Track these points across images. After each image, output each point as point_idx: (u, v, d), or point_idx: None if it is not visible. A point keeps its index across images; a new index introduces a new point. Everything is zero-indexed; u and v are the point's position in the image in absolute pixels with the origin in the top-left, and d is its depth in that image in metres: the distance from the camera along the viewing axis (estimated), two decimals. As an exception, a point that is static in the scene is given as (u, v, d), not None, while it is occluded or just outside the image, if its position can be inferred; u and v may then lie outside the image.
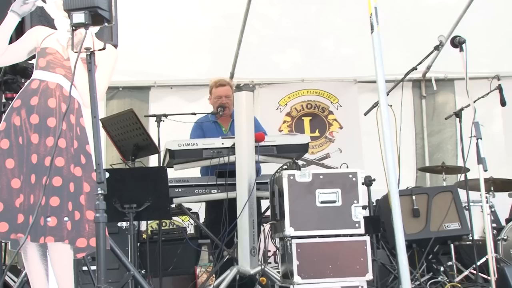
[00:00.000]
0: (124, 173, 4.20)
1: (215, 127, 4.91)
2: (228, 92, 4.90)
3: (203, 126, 4.92)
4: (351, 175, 3.64)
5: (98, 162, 2.47)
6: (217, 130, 4.88)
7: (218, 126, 4.92)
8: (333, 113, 7.05)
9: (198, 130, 4.91)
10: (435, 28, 5.84)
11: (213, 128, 4.90)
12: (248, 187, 4.08)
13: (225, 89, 4.93)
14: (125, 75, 6.63)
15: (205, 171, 4.71)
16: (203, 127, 4.92)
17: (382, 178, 3.21)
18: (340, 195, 3.60)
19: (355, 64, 6.66)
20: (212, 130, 4.87)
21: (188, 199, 4.47)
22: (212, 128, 4.90)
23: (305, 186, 3.60)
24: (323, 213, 3.58)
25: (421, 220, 4.68)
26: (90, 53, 2.57)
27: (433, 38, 4.28)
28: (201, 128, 4.91)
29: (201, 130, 4.90)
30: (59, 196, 2.77)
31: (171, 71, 6.82)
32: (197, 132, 4.90)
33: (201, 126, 4.93)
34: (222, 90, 4.93)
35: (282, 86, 7.07)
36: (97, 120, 2.55)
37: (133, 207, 3.97)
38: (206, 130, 4.89)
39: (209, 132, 4.85)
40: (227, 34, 6.38)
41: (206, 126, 4.91)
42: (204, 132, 4.88)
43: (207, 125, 4.92)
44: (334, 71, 6.88)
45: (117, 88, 6.80)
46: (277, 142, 4.40)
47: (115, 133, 4.75)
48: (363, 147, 6.75)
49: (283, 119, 7.02)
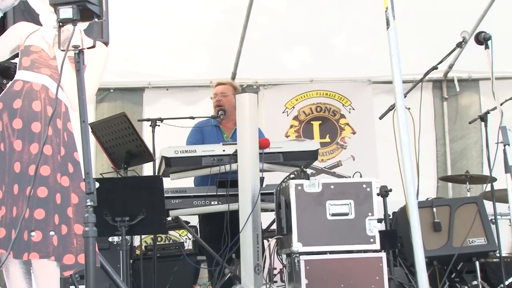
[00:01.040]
0: (115, 183, 4.20)
1: (216, 132, 4.92)
2: (224, 90, 4.92)
3: (203, 130, 4.93)
4: (365, 185, 3.64)
5: (87, 171, 2.48)
6: (218, 135, 4.88)
7: (220, 132, 4.92)
8: (345, 116, 7.05)
9: (197, 134, 4.92)
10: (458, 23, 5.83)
11: (213, 133, 4.91)
12: (252, 198, 4.08)
13: (222, 87, 4.96)
14: (117, 76, 6.65)
15: (200, 180, 4.71)
16: (203, 131, 4.92)
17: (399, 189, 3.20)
18: (353, 207, 3.59)
19: (369, 63, 6.67)
20: (213, 135, 4.88)
21: (186, 212, 4.47)
22: (213, 133, 4.91)
23: (315, 197, 3.60)
24: (334, 226, 3.57)
25: (443, 235, 4.67)
26: (78, 51, 2.58)
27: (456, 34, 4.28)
28: (200, 132, 4.92)
29: (200, 134, 4.91)
30: (44, 208, 2.78)
31: (167, 71, 6.84)
32: (196, 136, 4.91)
33: (200, 130, 4.94)
34: (219, 88, 4.97)
35: (289, 87, 7.08)
36: (86, 124, 2.56)
37: (126, 220, 3.98)
38: (206, 135, 4.89)
39: (209, 137, 4.85)
40: (229, 30, 6.40)
41: (206, 131, 4.92)
42: (204, 136, 4.89)
43: (208, 130, 4.92)
44: (346, 70, 6.89)
45: (108, 89, 6.82)
46: (283, 149, 4.40)
47: (105, 139, 4.76)
48: (378, 154, 6.75)
49: (290, 123, 7.03)
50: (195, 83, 6.91)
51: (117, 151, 4.75)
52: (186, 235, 5.80)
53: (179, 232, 5.87)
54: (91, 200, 2.48)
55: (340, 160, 6.96)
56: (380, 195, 4.27)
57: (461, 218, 4.70)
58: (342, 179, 5.90)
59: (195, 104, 6.79)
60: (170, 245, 5.60)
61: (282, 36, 6.57)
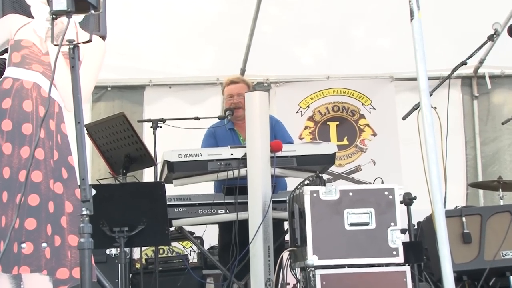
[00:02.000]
0: (113, 190, 4.21)
1: (230, 135, 4.91)
2: (241, 90, 4.91)
3: (217, 134, 4.92)
4: (387, 192, 3.63)
5: (83, 177, 2.49)
6: (233, 139, 4.87)
7: (235, 134, 4.92)
8: (365, 117, 7.04)
9: (210, 139, 4.90)
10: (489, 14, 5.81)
11: (228, 136, 4.89)
12: (263, 206, 4.08)
13: (238, 87, 4.94)
14: (115, 72, 6.67)
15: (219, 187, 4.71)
16: (217, 135, 4.91)
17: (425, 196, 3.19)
18: (373, 216, 3.59)
19: (391, 58, 6.66)
20: (227, 138, 4.86)
21: (191, 221, 4.47)
22: (227, 136, 4.89)
23: (332, 205, 3.59)
24: (353, 238, 3.57)
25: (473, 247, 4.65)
26: (73, 46, 2.59)
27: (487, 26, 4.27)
28: (213, 136, 4.90)
29: (213, 139, 4.89)
30: (35, 218, 2.79)
31: (169, 67, 6.86)
32: (209, 141, 4.89)
33: (214, 133, 4.93)
34: (233, 87, 4.95)
35: (303, 85, 7.08)
36: (82, 126, 2.56)
37: (125, 231, 3.99)
38: (219, 139, 4.88)
39: (223, 141, 4.84)
40: (237, 22, 6.40)
41: (220, 134, 4.90)
42: (217, 141, 4.87)
43: (221, 133, 4.91)
44: (366, 66, 6.89)
45: (105, 87, 6.85)
46: (297, 152, 4.40)
47: (102, 141, 4.78)
48: (401, 158, 6.73)
49: (304, 124, 7.03)
50: (201, 81, 6.92)
51: (115, 155, 4.77)
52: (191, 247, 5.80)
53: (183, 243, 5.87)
54: (87, 209, 2.49)
55: (360, 164, 6.95)
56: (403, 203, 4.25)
57: (493, 229, 4.68)
58: (361, 185, 5.89)
59: (200, 103, 6.81)
60: (173, 258, 5.60)
61: (295, 28, 6.57)
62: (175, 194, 4.44)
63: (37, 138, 2.80)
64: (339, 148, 6.42)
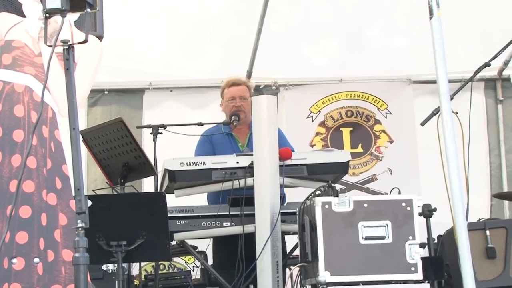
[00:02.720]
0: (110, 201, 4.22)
1: (228, 141, 4.92)
2: (243, 93, 4.92)
3: (213, 139, 4.93)
4: (405, 203, 3.63)
5: (78, 187, 2.49)
6: (231, 145, 4.89)
7: (233, 140, 4.93)
8: (380, 122, 7.04)
9: (206, 145, 4.92)
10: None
11: (225, 142, 4.91)
12: (271, 218, 4.08)
13: (240, 89, 4.95)
14: (112, 75, 6.69)
15: (214, 197, 4.72)
16: (213, 140, 4.93)
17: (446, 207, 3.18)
18: (390, 230, 3.58)
19: (409, 59, 6.65)
20: (225, 145, 4.88)
21: (194, 235, 4.47)
22: (225, 142, 4.91)
23: (345, 218, 3.59)
24: (368, 252, 3.56)
25: (498, 263, 4.63)
26: (68, 47, 2.60)
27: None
28: (209, 142, 4.93)
29: (209, 145, 4.91)
30: (27, 231, 2.80)
31: (171, 69, 6.87)
32: (205, 146, 4.91)
33: (210, 139, 4.94)
34: (235, 89, 4.96)
35: (314, 88, 7.08)
36: (77, 132, 2.57)
37: (123, 245, 3.98)
38: (216, 145, 4.90)
39: (221, 147, 4.86)
40: (243, 21, 6.41)
41: (216, 140, 4.92)
42: (214, 147, 4.89)
43: (218, 139, 4.93)
44: (382, 68, 6.88)
45: (102, 91, 6.86)
46: (308, 161, 4.40)
47: (99, 149, 4.78)
48: (420, 167, 6.72)
49: (315, 130, 7.02)
50: (204, 83, 6.93)
51: (113, 164, 4.77)
52: (194, 263, 5.80)
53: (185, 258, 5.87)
54: (82, 221, 2.49)
55: (375, 173, 6.94)
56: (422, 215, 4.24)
57: (520, 243, 4.66)
58: (377, 196, 5.88)
59: (204, 107, 6.82)
60: (174, 274, 5.60)
61: (306, 27, 6.57)
62: (176, 205, 4.44)
63: (29, 145, 2.80)
64: (353, 156, 6.42)
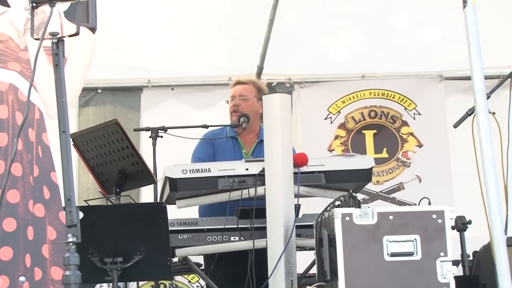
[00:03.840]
0: (105, 213, 4.23)
1: (232, 145, 4.93)
2: (245, 91, 4.93)
3: (215, 143, 4.94)
4: (436, 214, 3.62)
5: (68, 197, 2.50)
6: (234, 151, 4.89)
7: (237, 145, 4.94)
8: (408, 124, 7.02)
9: (206, 148, 4.93)
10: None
11: (229, 146, 4.92)
12: (284, 232, 4.08)
13: (242, 87, 4.97)
14: (107, 71, 6.71)
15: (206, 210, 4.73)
16: (215, 144, 4.93)
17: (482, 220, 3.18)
18: (419, 245, 3.57)
19: (440, 53, 6.64)
20: (228, 149, 4.89)
21: (198, 250, 4.47)
22: (229, 146, 4.92)
23: (368, 231, 3.59)
24: (394, 270, 3.55)
25: (541, 282, 4.62)
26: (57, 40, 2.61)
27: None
28: (211, 146, 4.93)
29: (210, 148, 4.92)
30: (12, 246, 2.81)
31: (172, 64, 6.88)
32: (205, 150, 4.93)
33: (211, 142, 4.94)
34: (237, 88, 4.99)
35: (333, 86, 7.08)
36: (67, 136, 2.58)
37: (118, 262, 3.99)
38: (218, 149, 4.90)
39: (223, 151, 4.87)
40: (254, 11, 6.42)
41: (219, 144, 4.93)
42: (216, 151, 4.90)
43: (221, 143, 4.93)
44: (410, 63, 6.87)
45: (95, 89, 6.88)
46: (326, 167, 4.40)
47: (92, 154, 4.80)
48: (452, 174, 6.70)
49: (334, 133, 7.02)
50: (209, 81, 6.94)
51: (107, 171, 4.78)
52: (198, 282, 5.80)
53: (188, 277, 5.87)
54: (73, 235, 2.50)
55: (402, 182, 6.93)
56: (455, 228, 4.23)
57: None
58: (404, 207, 5.87)
59: (209, 108, 6.83)
60: (176, 294, 5.61)
61: (324, 18, 6.57)
62: (178, 217, 4.44)
63: (14, 150, 2.80)
64: (377, 162, 6.42)
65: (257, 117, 4.87)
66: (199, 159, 4.86)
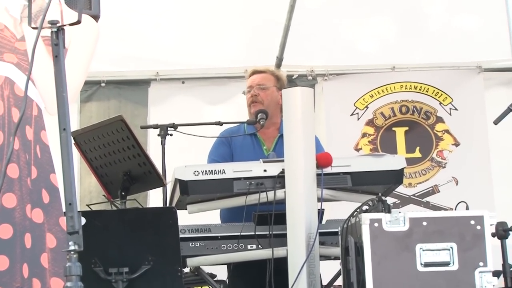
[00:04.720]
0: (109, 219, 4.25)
1: (251, 142, 4.94)
2: (263, 80, 4.95)
3: (232, 142, 4.94)
4: (474, 220, 3.61)
5: (69, 201, 2.51)
6: (254, 147, 4.91)
7: (257, 142, 4.95)
8: (443, 120, 7.01)
9: (223, 148, 4.94)
10: None
11: (247, 144, 4.93)
12: (307, 240, 4.08)
13: (259, 76, 5.01)
14: (111, 63, 6.73)
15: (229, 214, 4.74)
16: (232, 143, 4.94)
17: (526, 226, 3.17)
18: (455, 254, 3.57)
19: (478, 43, 6.62)
20: (247, 148, 4.90)
21: (211, 260, 4.48)
22: (246, 144, 4.93)
23: (399, 239, 3.58)
24: (428, 282, 3.55)
25: None
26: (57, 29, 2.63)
27: None
28: (227, 145, 4.94)
29: (227, 148, 4.93)
30: (8, 255, 2.82)
31: (182, 56, 6.90)
32: (221, 150, 4.94)
33: (228, 142, 4.95)
34: (254, 77, 5.02)
35: (360, 78, 7.08)
36: (68, 134, 2.59)
37: (124, 273, 4.01)
38: (236, 148, 4.91)
39: (242, 151, 4.88)
40: (272, -4, 6.44)
41: (236, 142, 4.94)
42: (233, 150, 4.91)
43: (239, 141, 4.95)
44: (445, 53, 6.86)
45: (99, 82, 6.91)
46: (352, 168, 4.39)
47: (95, 154, 4.81)
48: (493, 176, 6.69)
49: (362, 130, 7.02)
50: (224, 73, 6.95)
51: (111, 172, 4.80)
52: (211, 294, 5.81)
53: (201, 289, 5.88)
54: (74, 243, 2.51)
55: (437, 184, 6.92)
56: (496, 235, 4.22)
57: None
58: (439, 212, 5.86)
59: (223, 103, 6.84)
60: (188, 308, 5.62)
61: (350, 3, 6.57)
62: (190, 223, 4.46)
63: (10, 150, 2.83)
64: (409, 162, 6.42)
65: (278, 108, 4.87)
66: (214, 161, 4.87)
